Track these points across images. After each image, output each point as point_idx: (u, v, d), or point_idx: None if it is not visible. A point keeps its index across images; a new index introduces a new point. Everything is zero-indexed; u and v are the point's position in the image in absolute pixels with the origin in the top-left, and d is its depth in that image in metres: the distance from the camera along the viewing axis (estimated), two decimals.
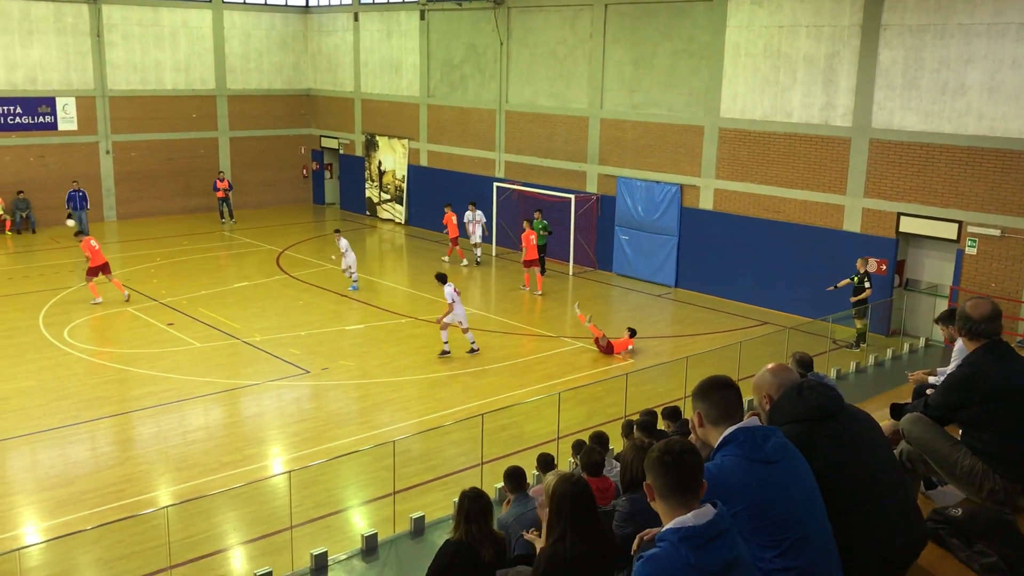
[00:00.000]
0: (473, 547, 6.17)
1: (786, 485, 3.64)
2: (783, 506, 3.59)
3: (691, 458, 3.32)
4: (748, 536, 3.58)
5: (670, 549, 3.20)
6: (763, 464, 3.62)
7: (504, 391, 15.93)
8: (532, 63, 26.84)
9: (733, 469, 3.62)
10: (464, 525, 6.21)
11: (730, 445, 3.69)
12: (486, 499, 6.38)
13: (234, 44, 32.97)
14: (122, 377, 16.43)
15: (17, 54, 28.67)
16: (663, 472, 3.30)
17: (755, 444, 3.66)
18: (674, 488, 3.29)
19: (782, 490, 3.61)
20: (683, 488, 3.28)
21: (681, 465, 3.28)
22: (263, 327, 19.40)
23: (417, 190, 31.03)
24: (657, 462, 3.32)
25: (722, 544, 3.23)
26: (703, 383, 3.91)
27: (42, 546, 10.79)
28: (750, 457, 3.63)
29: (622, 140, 24.62)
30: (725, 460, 3.66)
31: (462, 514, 6.26)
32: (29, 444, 13.72)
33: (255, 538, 11.12)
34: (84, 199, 28.27)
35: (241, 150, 33.69)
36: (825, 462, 3.91)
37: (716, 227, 22.53)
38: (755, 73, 21.38)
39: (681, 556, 3.17)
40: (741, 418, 3.79)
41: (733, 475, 3.60)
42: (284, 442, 14.12)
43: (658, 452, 3.34)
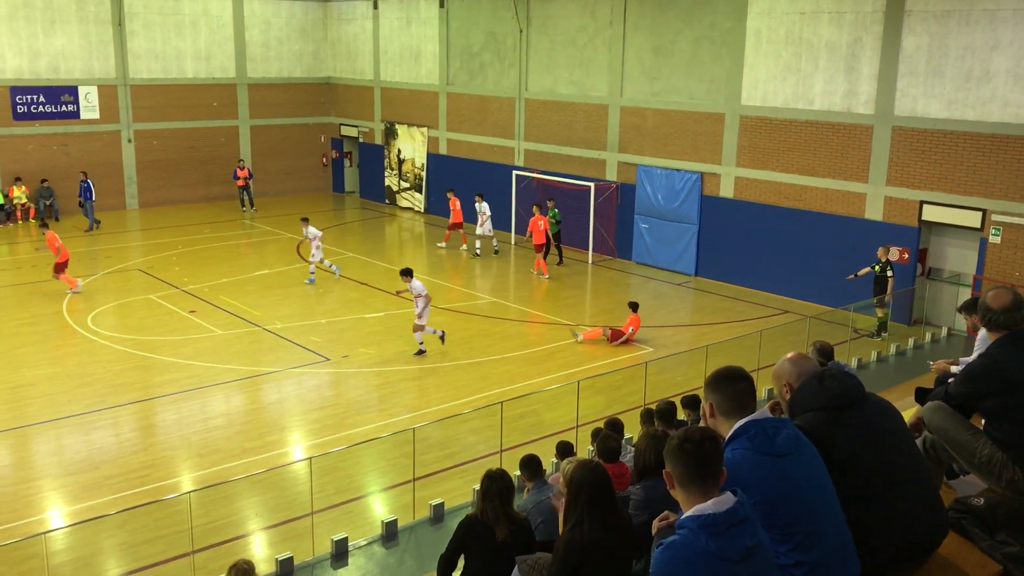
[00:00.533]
0: (488, 524, 6.23)
1: (797, 478, 3.61)
2: (794, 500, 3.57)
3: (711, 445, 3.32)
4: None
5: (690, 536, 3.20)
6: (774, 457, 3.61)
7: (523, 379, 15.96)
8: (552, 51, 26.76)
9: (743, 462, 3.60)
10: (481, 503, 6.29)
11: (740, 438, 3.67)
12: (507, 480, 6.41)
13: (254, 33, 33.07)
14: (145, 364, 16.59)
15: (40, 43, 28.88)
16: (683, 460, 3.30)
17: (766, 437, 3.64)
18: (694, 476, 3.29)
19: (793, 483, 3.59)
20: (703, 476, 3.28)
21: (701, 453, 3.28)
22: (284, 315, 19.52)
23: (436, 178, 31.05)
24: (677, 450, 3.32)
25: (742, 532, 3.23)
26: (716, 374, 3.90)
27: (67, 530, 10.94)
28: (761, 450, 3.61)
29: (642, 128, 24.52)
30: (735, 453, 3.65)
31: (480, 492, 6.36)
32: (54, 429, 13.89)
33: (276, 524, 11.22)
34: (89, 190, 28.25)
35: (261, 138, 33.82)
36: (846, 451, 3.90)
37: (736, 215, 22.43)
38: (777, 60, 21.23)
39: (701, 543, 3.18)
40: (753, 411, 3.78)
41: (743, 468, 3.59)
42: (305, 429, 14.22)
43: (678, 440, 3.34)
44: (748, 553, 3.23)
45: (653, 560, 3.29)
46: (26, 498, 11.76)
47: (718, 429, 3.85)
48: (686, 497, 3.32)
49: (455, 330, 18.87)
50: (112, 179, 30.84)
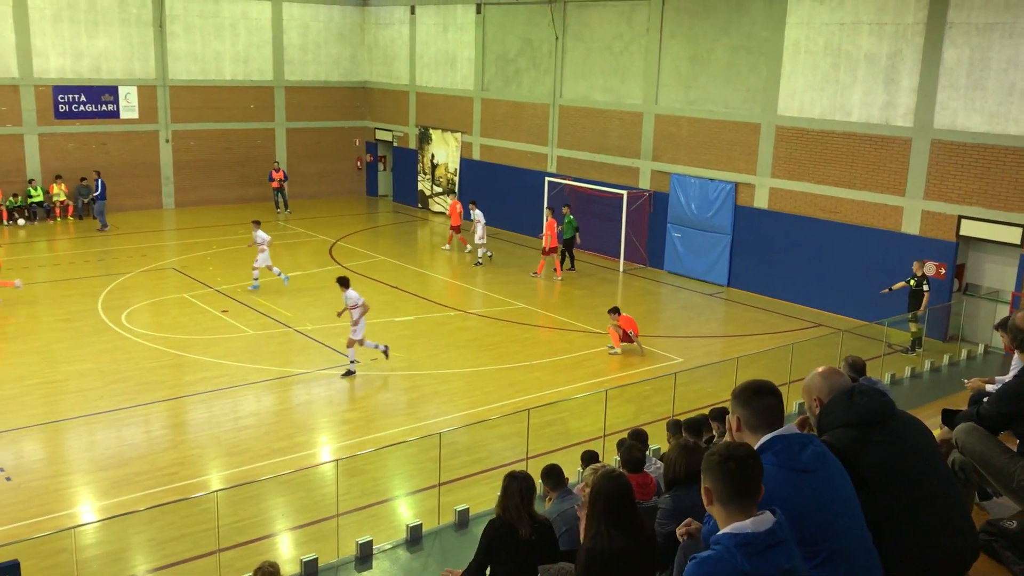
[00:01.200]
0: (510, 524, 6.23)
1: (823, 495, 3.56)
2: (820, 516, 3.52)
3: (754, 463, 3.28)
4: None
5: (725, 554, 3.16)
6: (800, 473, 3.56)
7: (551, 387, 15.92)
8: (587, 58, 26.73)
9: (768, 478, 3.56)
10: (502, 501, 6.30)
11: (766, 453, 3.63)
12: (529, 480, 6.40)
13: (292, 36, 33.38)
14: (177, 362, 16.76)
15: (83, 44, 29.36)
16: (724, 477, 3.26)
17: (792, 453, 3.59)
18: (734, 493, 3.24)
19: (819, 500, 3.54)
20: (743, 494, 3.24)
21: (744, 471, 3.24)
22: (314, 316, 19.64)
23: (469, 183, 31.12)
24: (719, 467, 3.28)
25: (778, 554, 3.18)
26: (745, 388, 3.84)
27: (96, 525, 11.06)
28: (787, 466, 3.56)
29: (677, 136, 24.41)
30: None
31: (502, 491, 6.37)
32: (86, 425, 14.06)
33: (302, 524, 11.28)
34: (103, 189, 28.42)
35: (297, 141, 34.11)
36: (874, 468, 3.84)
37: (771, 226, 22.24)
38: (814, 71, 21.04)
39: (736, 562, 3.13)
40: (781, 425, 3.73)
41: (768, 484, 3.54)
42: (332, 431, 14.28)
43: (719, 456, 3.30)
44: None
45: (685, 572, 3.25)
46: (56, 492, 11.91)
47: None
48: (724, 514, 3.27)
49: (484, 335, 18.89)
50: (149, 179, 31.25)
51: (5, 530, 10.77)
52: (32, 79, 28.56)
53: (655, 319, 21.12)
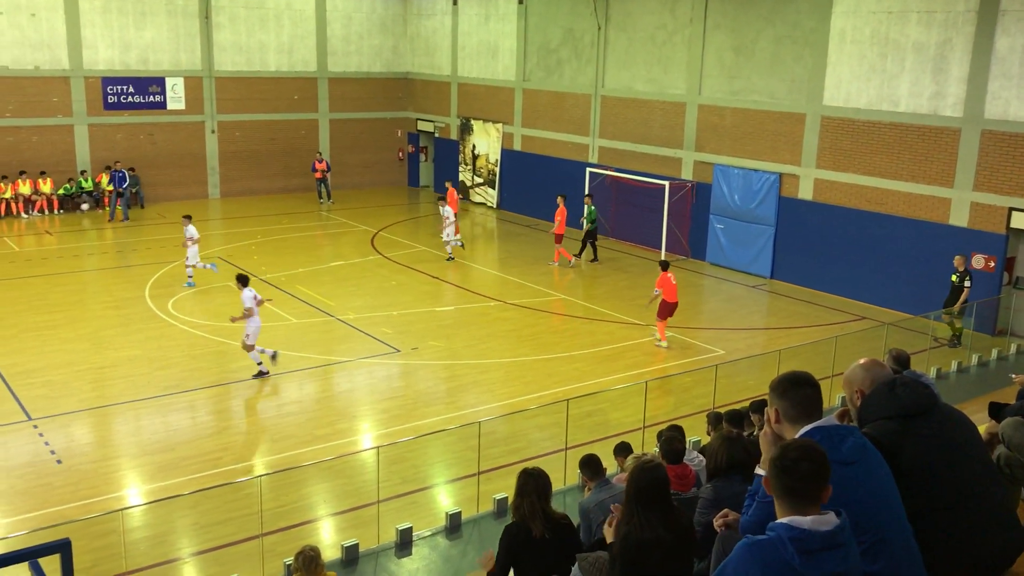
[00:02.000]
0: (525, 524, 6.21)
1: (863, 487, 3.54)
2: (859, 508, 3.49)
3: (807, 467, 3.23)
4: None
5: (777, 543, 3.14)
6: (839, 465, 3.53)
7: (590, 377, 15.91)
8: (630, 48, 26.58)
9: None
10: (518, 499, 6.27)
11: None
12: (542, 478, 6.36)
13: (336, 27, 33.61)
14: (222, 350, 17.02)
15: (131, 35, 29.83)
16: (776, 475, 3.26)
17: (832, 444, 3.57)
18: (787, 491, 3.24)
19: (858, 492, 3.52)
20: (795, 493, 3.22)
21: (795, 473, 3.22)
22: (357, 305, 19.82)
23: (510, 174, 31.14)
24: (773, 464, 3.29)
25: (833, 557, 3.14)
26: (783, 379, 3.82)
27: (143, 508, 11.30)
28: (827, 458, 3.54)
29: (720, 127, 24.20)
30: None
31: (517, 489, 6.32)
32: (134, 410, 14.35)
33: (343, 511, 11.41)
34: (124, 179, 28.77)
35: (340, 132, 34.38)
36: (914, 461, 3.81)
37: (815, 218, 21.98)
38: (861, 60, 20.71)
39: (786, 555, 3.11)
40: (819, 417, 3.71)
41: None
42: (374, 418, 14.42)
43: (777, 454, 3.31)
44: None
45: (734, 551, 3.24)
46: (105, 475, 12.18)
47: (783, 435, 3.79)
48: (781, 507, 3.28)
49: (524, 326, 18.92)
50: (196, 169, 31.71)
51: (56, 511, 11.05)
52: (82, 71, 29.10)
53: (697, 311, 20.97)
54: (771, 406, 3.82)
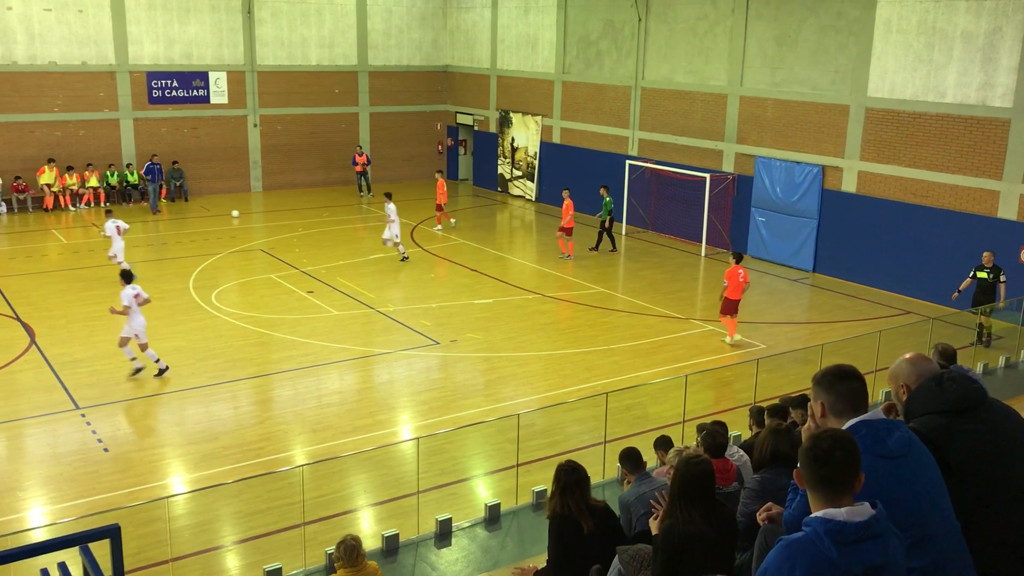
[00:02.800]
0: (572, 517, 6.21)
1: (909, 482, 3.49)
2: (905, 504, 3.45)
3: (841, 455, 3.20)
4: None
5: (813, 538, 3.12)
6: (886, 459, 3.49)
7: (629, 371, 15.86)
8: (670, 39, 26.39)
9: None
10: (560, 497, 6.25)
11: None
12: (582, 472, 6.37)
13: (376, 21, 33.76)
14: (264, 341, 17.22)
15: (175, 31, 30.23)
16: (808, 465, 3.23)
17: (878, 438, 3.52)
18: (821, 482, 3.21)
19: (905, 487, 3.47)
20: (828, 483, 3.20)
21: (828, 462, 3.20)
22: (396, 298, 19.93)
23: (548, 167, 31.10)
24: (805, 454, 3.26)
25: (871, 548, 3.12)
26: (828, 372, 3.78)
27: (187, 496, 11.48)
28: (872, 452, 3.50)
29: (762, 119, 23.95)
30: None
31: (558, 487, 6.30)
32: (178, 400, 14.58)
33: (383, 501, 11.51)
34: (159, 173, 29.17)
35: (380, 125, 34.56)
36: (963, 457, 3.75)
37: (858, 210, 21.67)
38: (907, 50, 20.37)
39: (823, 549, 3.09)
40: (866, 411, 3.66)
41: None
42: (413, 410, 14.51)
43: (809, 444, 3.28)
44: (873, 570, 3.10)
45: (771, 553, 3.23)
46: (150, 464, 12.39)
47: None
48: (815, 501, 3.25)
49: (562, 319, 18.91)
50: (238, 162, 32.08)
51: (104, 498, 11.27)
52: (127, 65, 29.56)
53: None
54: (816, 400, 3.79)
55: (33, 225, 27.05)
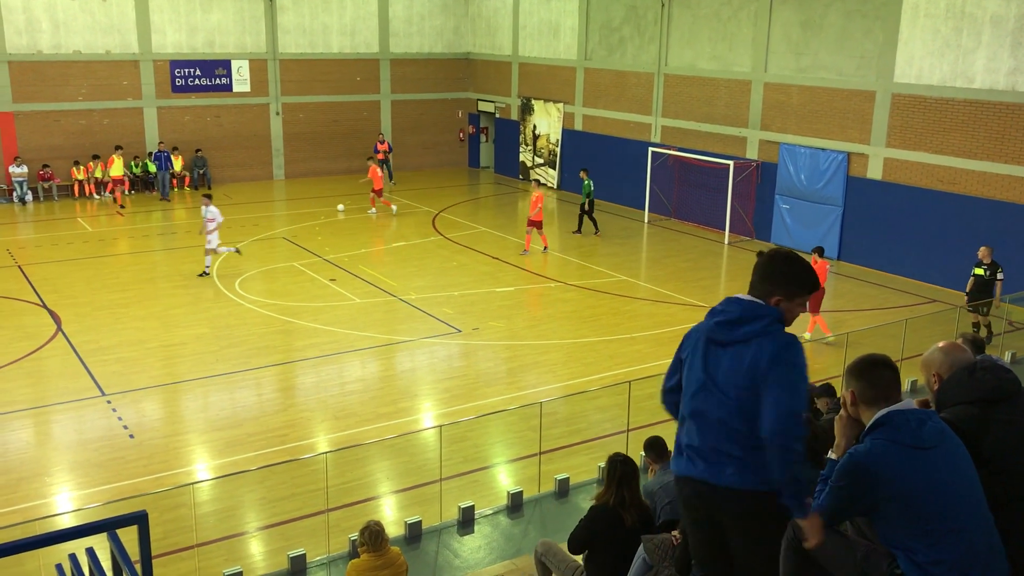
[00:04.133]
0: (616, 511, 6.21)
1: (941, 473, 3.45)
2: (937, 495, 3.40)
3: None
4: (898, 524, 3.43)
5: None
6: (917, 450, 3.44)
7: (652, 359, 15.79)
8: (694, 25, 26.17)
9: (883, 453, 3.46)
10: (614, 489, 6.25)
11: (882, 428, 3.52)
12: (634, 465, 6.41)
13: (397, 8, 33.71)
14: (287, 328, 17.30)
15: (198, 19, 30.32)
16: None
17: (909, 428, 3.49)
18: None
19: (936, 478, 3.43)
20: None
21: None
22: (418, 286, 19.96)
23: (570, 154, 30.98)
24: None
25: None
26: (860, 361, 3.75)
27: (212, 482, 11.57)
28: (903, 442, 3.46)
29: (786, 105, 23.72)
30: (875, 443, 3.50)
31: (613, 478, 6.30)
32: (202, 387, 14.68)
33: (406, 488, 11.55)
34: (168, 160, 29.27)
35: (401, 113, 34.54)
36: (996, 448, 3.69)
37: (884, 198, 21.44)
38: (935, 35, 20.08)
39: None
40: (898, 399, 3.62)
41: (883, 459, 3.45)
42: (435, 397, 14.53)
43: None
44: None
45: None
46: (175, 450, 12.50)
47: (860, 418, 3.71)
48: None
49: (584, 307, 18.85)
50: (260, 150, 32.19)
51: (130, 484, 11.38)
52: (151, 54, 29.69)
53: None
54: (847, 388, 3.75)
55: (59, 213, 27.30)
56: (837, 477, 3.62)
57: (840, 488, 3.61)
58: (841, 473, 3.59)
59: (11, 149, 28.21)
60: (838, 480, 3.61)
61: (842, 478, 3.59)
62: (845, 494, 3.60)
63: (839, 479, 3.61)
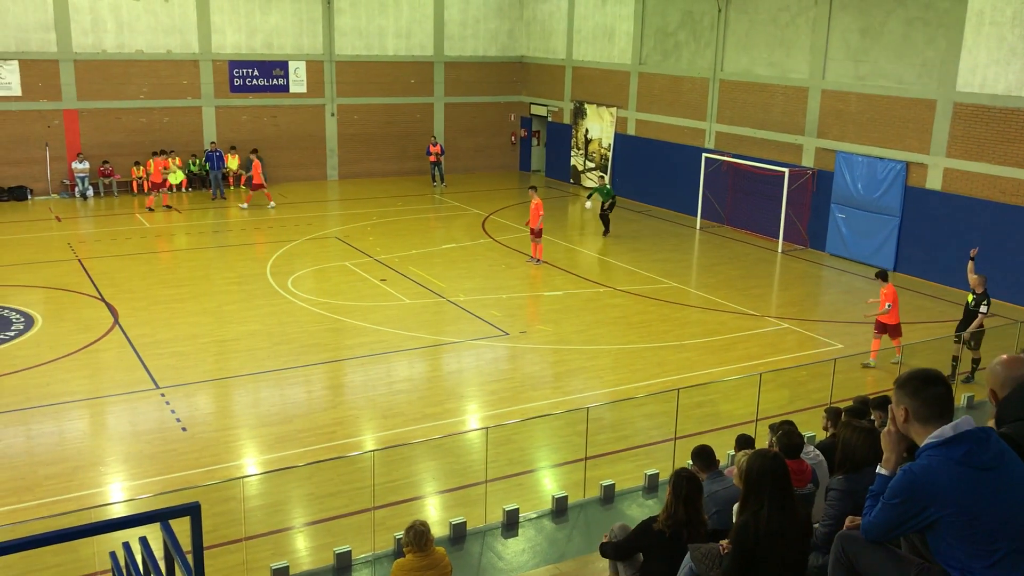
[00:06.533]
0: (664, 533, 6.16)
1: (1001, 493, 3.37)
2: (996, 515, 3.32)
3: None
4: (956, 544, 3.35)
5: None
6: (976, 470, 3.36)
7: (701, 367, 15.66)
8: (751, 30, 25.90)
9: (942, 471, 3.38)
10: (676, 505, 6.18)
11: (941, 447, 3.44)
12: (698, 482, 6.35)
13: (453, 11, 33.89)
14: (337, 327, 17.47)
15: (257, 20, 30.81)
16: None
17: (969, 448, 3.40)
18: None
19: (996, 498, 3.35)
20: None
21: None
22: (467, 288, 20.02)
23: (622, 159, 30.85)
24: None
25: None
26: (912, 377, 3.65)
27: (261, 476, 11.72)
28: (963, 461, 3.38)
29: (844, 113, 23.36)
30: (933, 461, 3.43)
31: (679, 495, 6.21)
32: (254, 383, 14.89)
33: (451, 488, 11.58)
34: (221, 159, 29.57)
35: (454, 116, 34.71)
36: None
37: (944, 208, 21.00)
38: (1000, 43, 19.62)
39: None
40: (951, 417, 3.53)
41: (942, 478, 3.37)
42: (481, 399, 14.56)
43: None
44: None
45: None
46: (226, 444, 12.68)
47: (912, 436, 3.63)
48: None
49: (633, 313, 18.74)
50: (315, 151, 32.58)
51: (182, 476, 11.58)
52: (211, 54, 30.23)
53: (815, 303, 20.39)
54: (899, 405, 3.66)
55: (118, 209, 27.91)
56: (891, 493, 3.55)
57: (895, 505, 3.54)
58: (897, 490, 3.52)
59: (75, 145, 28.93)
60: (892, 496, 3.54)
61: (897, 494, 3.51)
62: (900, 511, 3.52)
63: (893, 495, 3.54)
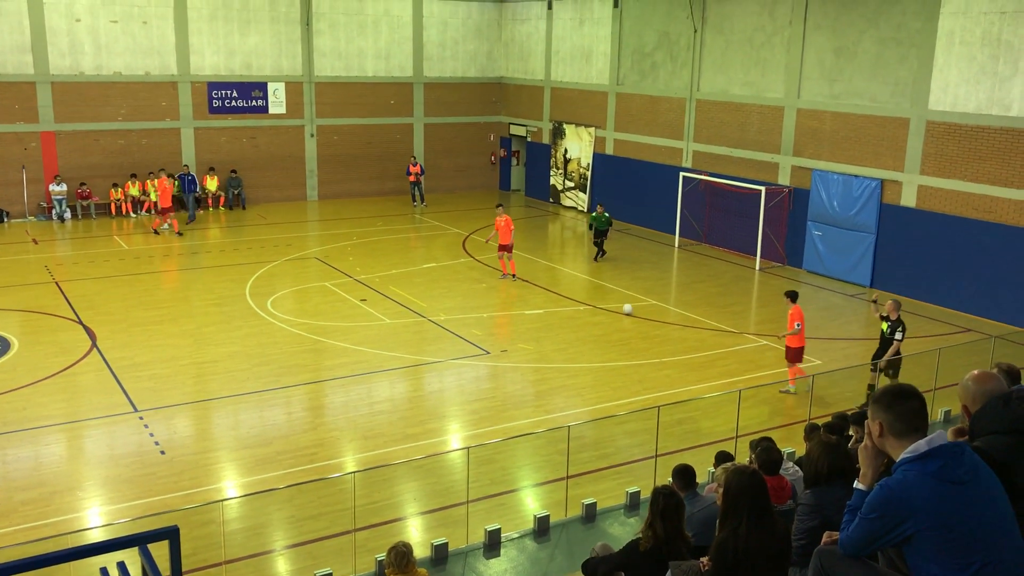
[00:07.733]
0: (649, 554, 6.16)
1: (976, 507, 3.41)
2: (971, 528, 3.37)
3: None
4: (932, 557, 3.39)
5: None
6: (951, 484, 3.41)
7: (681, 385, 15.72)
8: (727, 51, 26.20)
9: (918, 485, 3.43)
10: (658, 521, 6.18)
11: (916, 461, 3.49)
12: (679, 498, 6.35)
13: (432, 33, 34.07)
14: (318, 347, 17.42)
15: (235, 42, 30.84)
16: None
17: (944, 462, 3.45)
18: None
19: (971, 512, 3.40)
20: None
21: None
22: (447, 307, 20.02)
23: (601, 178, 31.03)
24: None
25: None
26: (886, 392, 3.72)
27: (241, 499, 11.64)
28: (938, 476, 3.42)
29: (819, 131, 23.64)
30: (908, 475, 3.47)
31: (656, 512, 6.21)
32: (233, 404, 14.81)
33: (433, 509, 11.54)
34: (193, 182, 29.48)
35: (434, 136, 34.82)
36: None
37: (918, 225, 21.25)
38: (970, 63, 19.95)
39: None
40: (926, 431, 3.58)
41: (917, 492, 3.41)
42: (463, 419, 14.54)
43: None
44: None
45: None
46: (205, 467, 12.59)
47: (888, 449, 3.68)
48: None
49: (613, 331, 18.80)
50: (295, 171, 32.56)
51: (161, 499, 11.49)
52: (189, 76, 30.20)
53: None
54: (874, 420, 3.70)
55: (96, 231, 27.74)
56: (868, 508, 3.59)
57: (872, 519, 3.57)
58: (874, 504, 3.56)
59: (52, 168, 28.76)
60: (869, 511, 3.58)
61: (875, 509, 3.55)
62: (877, 525, 3.56)
63: (871, 510, 3.57)
